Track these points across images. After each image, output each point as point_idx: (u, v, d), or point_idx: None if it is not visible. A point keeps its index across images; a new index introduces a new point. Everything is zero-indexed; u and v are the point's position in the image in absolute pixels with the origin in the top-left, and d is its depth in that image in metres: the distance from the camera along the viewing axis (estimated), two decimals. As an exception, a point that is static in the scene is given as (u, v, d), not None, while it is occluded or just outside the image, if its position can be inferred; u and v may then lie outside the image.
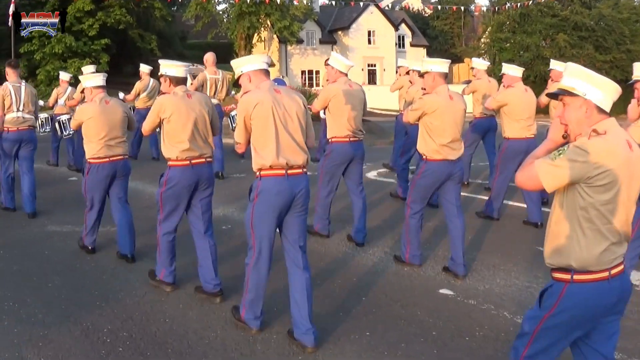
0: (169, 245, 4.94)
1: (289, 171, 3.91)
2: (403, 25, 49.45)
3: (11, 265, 5.74)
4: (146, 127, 4.95)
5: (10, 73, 7.60)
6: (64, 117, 10.14)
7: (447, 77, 5.50)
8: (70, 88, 11.08)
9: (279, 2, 35.53)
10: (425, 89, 5.54)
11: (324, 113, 6.54)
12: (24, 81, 7.82)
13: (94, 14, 34.56)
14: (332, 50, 45.30)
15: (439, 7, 54.49)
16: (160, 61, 5.02)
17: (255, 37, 37.09)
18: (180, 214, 4.89)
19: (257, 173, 3.94)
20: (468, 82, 10.94)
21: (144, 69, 11.80)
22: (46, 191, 8.82)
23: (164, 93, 4.98)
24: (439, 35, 57.53)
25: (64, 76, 11.45)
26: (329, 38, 46.22)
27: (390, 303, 4.85)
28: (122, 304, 4.77)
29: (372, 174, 10.80)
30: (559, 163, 2.50)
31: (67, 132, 10.20)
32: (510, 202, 8.13)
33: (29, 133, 7.63)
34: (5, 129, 7.49)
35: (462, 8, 48.77)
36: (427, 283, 5.32)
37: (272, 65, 4.51)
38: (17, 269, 5.64)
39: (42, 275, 5.47)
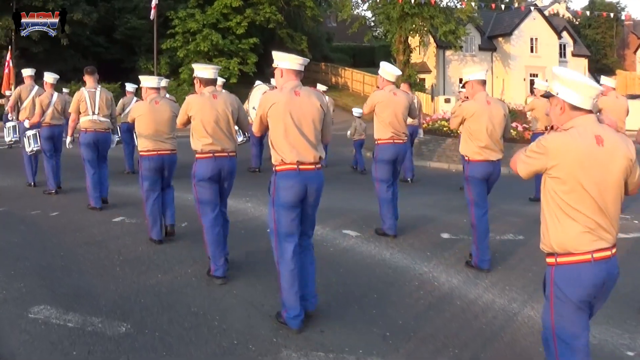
0: (216, 238, 5.08)
1: (301, 166, 4.03)
2: (565, 33, 42.65)
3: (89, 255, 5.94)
4: (178, 122, 5.36)
5: (87, 79, 7.89)
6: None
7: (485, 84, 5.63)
8: (135, 98, 11.11)
9: (444, 5, 30.29)
10: (467, 97, 5.79)
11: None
12: (99, 86, 8.00)
13: (242, 11, 30.79)
14: (492, 57, 39.77)
15: (588, 12, 47.46)
16: (194, 65, 5.29)
17: (417, 39, 31.93)
18: (215, 203, 5.08)
19: (273, 167, 4.10)
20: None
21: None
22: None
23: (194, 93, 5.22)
24: (591, 45, 51.32)
25: (130, 87, 11.88)
26: (489, 45, 40.15)
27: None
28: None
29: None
30: (529, 154, 2.75)
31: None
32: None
33: (104, 135, 7.91)
34: (83, 129, 7.77)
35: (612, 15, 41.74)
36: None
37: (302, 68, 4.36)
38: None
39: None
